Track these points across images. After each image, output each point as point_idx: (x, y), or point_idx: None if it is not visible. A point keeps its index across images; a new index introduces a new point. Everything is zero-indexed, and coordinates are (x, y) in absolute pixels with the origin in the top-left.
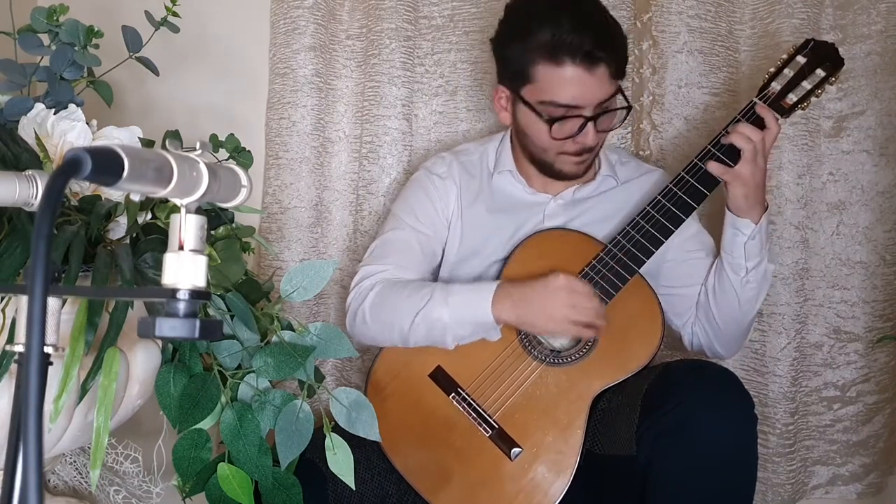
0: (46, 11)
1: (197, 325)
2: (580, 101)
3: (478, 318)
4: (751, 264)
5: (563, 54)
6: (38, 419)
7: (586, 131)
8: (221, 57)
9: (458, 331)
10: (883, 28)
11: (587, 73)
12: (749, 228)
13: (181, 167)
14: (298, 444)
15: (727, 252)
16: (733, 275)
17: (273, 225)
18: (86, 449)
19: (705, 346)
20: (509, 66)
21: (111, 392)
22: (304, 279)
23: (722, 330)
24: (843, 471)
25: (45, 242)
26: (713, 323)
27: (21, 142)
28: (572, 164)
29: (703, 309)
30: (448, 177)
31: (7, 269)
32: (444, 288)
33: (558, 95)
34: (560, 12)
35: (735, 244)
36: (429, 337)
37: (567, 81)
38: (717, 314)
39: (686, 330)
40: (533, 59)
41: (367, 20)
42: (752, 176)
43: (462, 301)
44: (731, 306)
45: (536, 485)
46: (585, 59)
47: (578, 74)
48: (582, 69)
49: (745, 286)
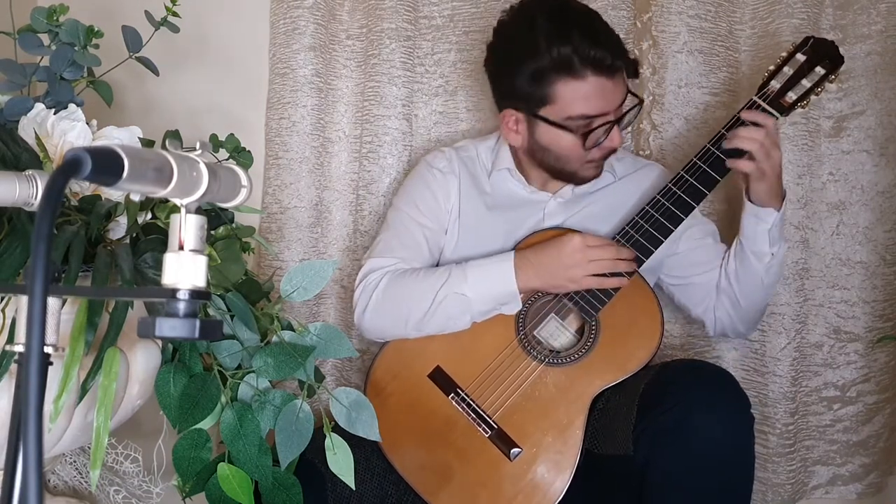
0: (46, 11)
1: (197, 325)
2: (606, 108)
3: (502, 289)
4: (774, 249)
5: (586, 69)
6: (38, 419)
7: (613, 135)
8: (221, 57)
9: (480, 306)
10: (883, 28)
11: (609, 81)
12: (772, 217)
13: (181, 167)
14: (298, 444)
15: (749, 240)
16: (757, 261)
17: (273, 225)
18: (86, 449)
19: (728, 329)
20: (519, 91)
21: (111, 392)
22: (304, 279)
23: (745, 311)
24: (843, 471)
25: (45, 242)
26: (737, 306)
27: (21, 142)
28: (594, 169)
29: (725, 294)
30: (449, 171)
31: (7, 269)
32: (460, 266)
33: (585, 109)
34: (570, 29)
35: (758, 232)
36: (448, 318)
37: (592, 94)
38: (741, 298)
39: (708, 316)
40: (550, 79)
41: (367, 20)
42: (771, 169)
43: (482, 274)
44: (755, 289)
45: (536, 485)
46: (607, 70)
47: (601, 84)
48: (604, 78)
49: (769, 270)
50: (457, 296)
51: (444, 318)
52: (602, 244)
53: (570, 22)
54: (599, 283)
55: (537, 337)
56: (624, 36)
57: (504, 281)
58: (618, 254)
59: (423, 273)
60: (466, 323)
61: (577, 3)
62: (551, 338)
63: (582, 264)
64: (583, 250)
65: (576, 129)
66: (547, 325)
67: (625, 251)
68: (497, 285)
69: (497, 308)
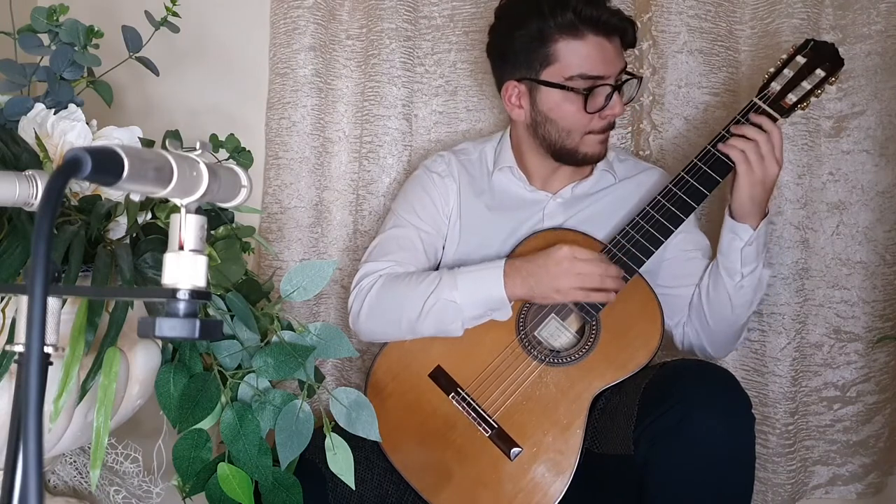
0: (46, 11)
1: (197, 325)
2: (605, 71)
3: (490, 296)
4: (746, 270)
5: (586, 27)
6: (38, 419)
7: (614, 102)
8: (221, 57)
9: (470, 311)
10: (883, 28)
11: (608, 42)
12: (747, 234)
13: (181, 167)
14: (298, 444)
15: (723, 255)
16: (728, 279)
17: (273, 225)
18: (86, 449)
19: (696, 348)
20: (520, 56)
21: (111, 392)
22: (304, 279)
23: (714, 332)
24: (843, 471)
25: (45, 242)
26: (705, 325)
27: (21, 142)
28: (597, 144)
29: (695, 310)
30: (448, 175)
31: (7, 269)
32: (451, 272)
33: (585, 68)
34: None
35: (732, 248)
36: (439, 322)
37: (592, 52)
38: (709, 316)
39: (678, 330)
40: (552, 38)
41: (367, 20)
42: (762, 176)
43: (472, 281)
44: (723, 309)
45: (536, 485)
46: (605, 29)
47: (601, 44)
48: (603, 38)
49: (739, 291)
50: (447, 302)
51: (435, 323)
52: (590, 258)
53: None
54: (586, 296)
55: (538, 337)
56: None
57: (492, 287)
58: (606, 270)
59: (415, 278)
60: (458, 329)
61: None
62: (552, 338)
63: (569, 275)
64: (571, 261)
65: (577, 88)
66: (547, 325)
67: (613, 269)
68: (486, 292)
69: (488, 314)
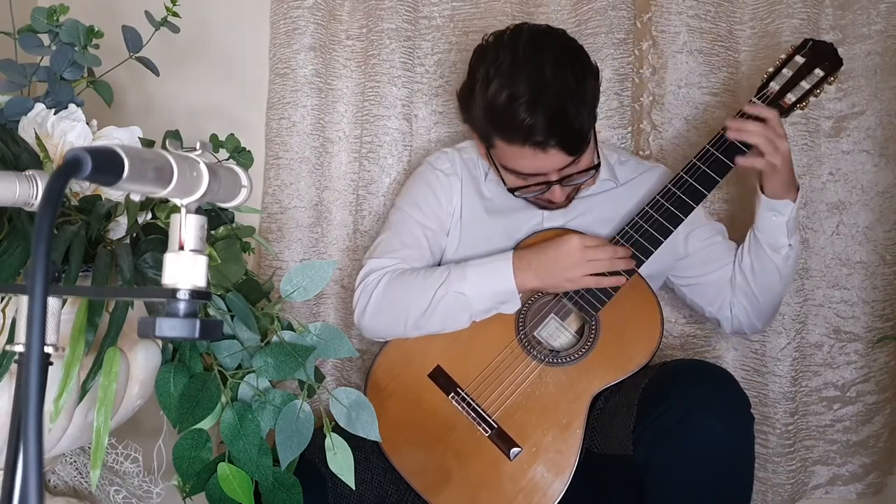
0: (46, 11)
1: (197, 325)
2: (541, 171)
3: (500, 288)
4: (792, 240)
5: (516, 137)
6: (38, 419)
7: (553, 191)
8: (221, 57)
9: (478, 305)
10: (883, 28)
11: (542, 153)
12: (788, 208)
13: (181, 167)
14: (298, 444)
15: (765, 233)
16: (774, 253)
17: (273, 225)
18: (86, 449)
19: (745, 325)
20: (476, 123)
21: (111, 392)
22: (304, 279)
23: (762, 305)
24: (843, 471)
25: (45, 242)
26: (754, 302)
27: (21, 142)
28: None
29: (741, 290)
30: (452, 173)
31: (7, 269)
32: (459, 265)
33: (518, 167)
34: (517, 86)
35: (775, 224)
36: (447, 316)
37: (524, 158)
38: (758, 293)
39: (724, 314)
40: (491, 130)
41: (367, 20)
42: (782, 161)
43: (481, 273)
44: (773, 283)
45: (535, 484)
46: (539, 145)
47: (532, 153)
48: (538, 150)
49: (786, 261)
50: (456, 294)
51: (443, 316)
52: (599, 244)
53: (521, 80)
54: (597, 282)
55: (537, 337)
56: (624, 36)
57: (502, 280)
58: (615, 253)
59: (423, 272)
60: (465, 322)
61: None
62: (551, 338)
63: (580, 264)
64: (581, 250)
65: (506, 181)
66: (547, 325)
67: (622, 250)
68: (496, 284)
69: (496, 307)
